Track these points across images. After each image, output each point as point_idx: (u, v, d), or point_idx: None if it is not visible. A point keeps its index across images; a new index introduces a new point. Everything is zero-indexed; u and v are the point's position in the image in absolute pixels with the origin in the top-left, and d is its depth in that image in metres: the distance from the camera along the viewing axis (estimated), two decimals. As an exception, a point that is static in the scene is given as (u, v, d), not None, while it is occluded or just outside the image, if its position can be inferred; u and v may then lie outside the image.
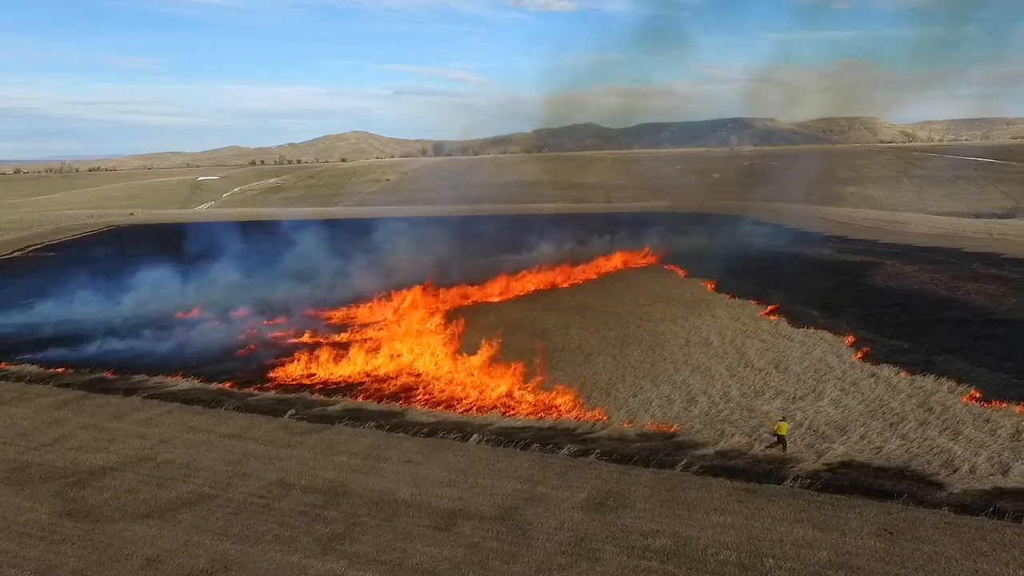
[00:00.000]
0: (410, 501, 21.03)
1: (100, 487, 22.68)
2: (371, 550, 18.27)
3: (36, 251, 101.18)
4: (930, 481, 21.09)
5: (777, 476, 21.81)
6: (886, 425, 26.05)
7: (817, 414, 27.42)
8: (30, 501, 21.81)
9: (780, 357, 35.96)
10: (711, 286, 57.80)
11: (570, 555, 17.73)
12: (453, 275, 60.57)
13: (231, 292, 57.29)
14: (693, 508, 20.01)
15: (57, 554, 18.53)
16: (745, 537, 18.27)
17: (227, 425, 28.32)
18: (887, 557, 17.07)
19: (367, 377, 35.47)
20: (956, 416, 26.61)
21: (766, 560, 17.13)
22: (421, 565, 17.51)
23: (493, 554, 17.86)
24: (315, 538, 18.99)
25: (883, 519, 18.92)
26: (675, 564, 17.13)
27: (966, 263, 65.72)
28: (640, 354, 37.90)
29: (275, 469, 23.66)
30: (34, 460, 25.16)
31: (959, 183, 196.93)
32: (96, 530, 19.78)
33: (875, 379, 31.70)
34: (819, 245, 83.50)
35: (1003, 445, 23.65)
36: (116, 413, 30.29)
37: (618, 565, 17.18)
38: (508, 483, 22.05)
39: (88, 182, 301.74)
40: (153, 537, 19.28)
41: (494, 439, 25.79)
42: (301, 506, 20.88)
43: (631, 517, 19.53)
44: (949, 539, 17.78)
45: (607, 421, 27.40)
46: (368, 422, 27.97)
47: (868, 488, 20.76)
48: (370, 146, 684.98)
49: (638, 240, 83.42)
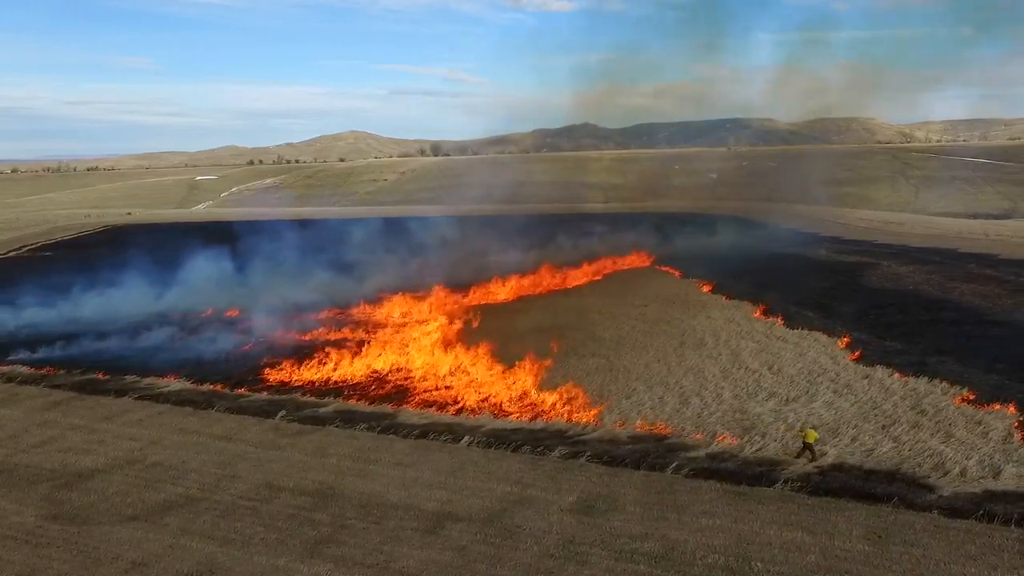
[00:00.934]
0: (399, 503, 20.93)
1: (88, 489, 22.56)
2: (358, 553, 18.17)
3: (32, 251, 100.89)
4: (920, 484, 21.04)
5: (768, 479, 21.74)
6: (878, 427, 25.98)
7: (810, 416, 27.33)
8: (16, 504, 21.68)
9: (774, 358, 35.88)
10: (707, 287, 57.70)
11: (558, 558, 17.64)
12: (455, 277, 60.53)
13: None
14: (682, 511, 19.93)
15: (41, 558, 18.42)
16: (734, 540, 18.20)
17: (218, 426, 28.20)
18: (875, 560, 17.01)
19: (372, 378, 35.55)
20: (949, 418, 26.55)
21: (754, 563, 17.06)
22: (408, 569, 17.42)
23: (480, 557, 17.77)
24: (302, 541, 18.89)
25: (872, 522, 18.86)
26: (663, 568, 17.05)
27: (961, 264, 65.77)
28: (634, 355, 37.78)
29: (264, 471, 23.55)
30: (23, 462, 25.03)
31: (957, 184, 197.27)
32: (82, 533, 19.66)
33: (868, 381, 31.64)
34: (815, 246, 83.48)
35: (994, 448, 23.59)
36: (107, 414, 30.17)
37: (605, 568, 17.10)
38: (498, 485, 21.97)
39: (85, 182, 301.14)
40: (139, 540, 19.16)
41: (485, 441, 25.70)
42: (289, 509, 20.78)
43: (620, 520, 19.45)
44: (938, 542, 17.72)
45: (599, 423, 27.31)
46: (359, 424, 27.86)
47: (858, 491, 20.70)
48: (368, 146, 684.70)
49: (634, 241, 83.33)
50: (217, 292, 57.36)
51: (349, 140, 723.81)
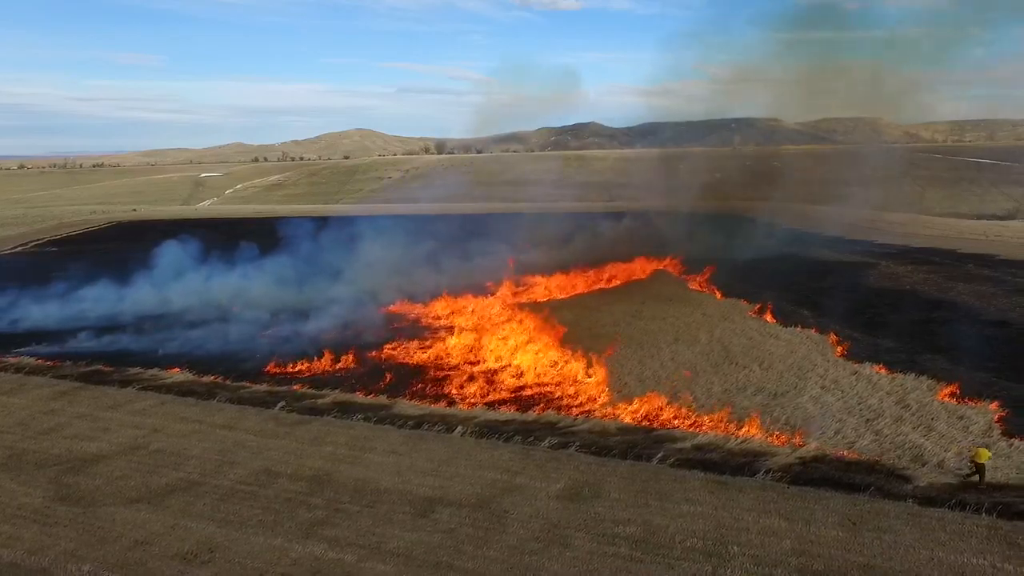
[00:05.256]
0: (392, 489, 21.68)
1: (93, 474, 23.38)
2: (351, 535, 18.93)
3: (37, 246, 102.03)
4: (898, 475, 21.66)
5: (750, 469, 22.39)
6: (862, 421, 26.60)
7: (795, 410, 27.97)
8: (25, 486, 22.52)
9: (765, 355, 36.47)
10: (705, 285, 58.23)
11: (542, 541, 18.36)
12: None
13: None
14: (665, 498, 20.61)
15: (49, 535, 19.24)
16: (713, 526, 18.87)
17: (219, 416, 28.99)
18: (848, 545, 17.67)
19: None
20: (932, 413, 27.14)
21: (731, 547, 17.74)
22: (398, 549, 18.17)
23: (468, 539, 18.50)
24: (297, 523, 19.65)
25: (848, 510, 19.50)
26: (642, 551, 17.75)
27: (960, 264, 66.09)
28: (629, 352, 38.41)
29: (263, 458, 24.33)
30: (31, 448, 25.87)
31: (962, 184, 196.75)
32: (88, 514, 20.48)
33: (856, 376, 32.23)
34: (816, 245, 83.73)
35: (974, 441, 24.18)
36: (111, 404, 30.99)
37: (587, 551, 17.80)
38: (488, 473, 22.68)
39: (91, 178, 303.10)
40: (142, 521, 19.97)
41: (478, 431, 26.41)
42: (286, 493, 21.55)
43: (604, 506, 20.15)
44: (910, 529, 18.35)
45: (590, 416, 28.00)
46: (356, 414, 28.62)
47: (838, 481, 21.34)
48: (373, 144, 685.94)
49: (635, 239, 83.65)
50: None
51: (355, 138, 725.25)
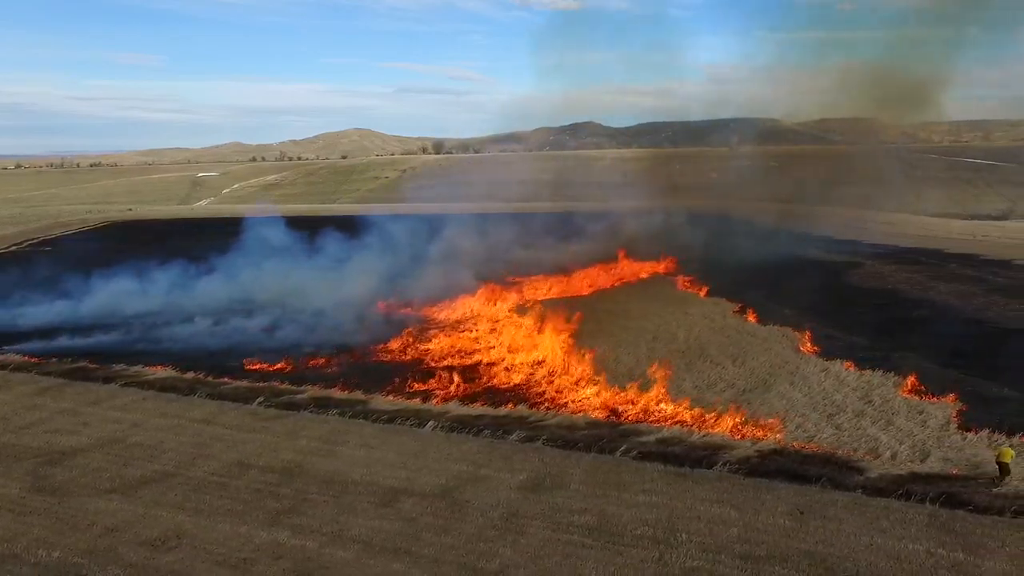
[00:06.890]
0: (359, 480, 22.30)
1: (70, 466, 24.00)
2: (315, 523, 19.56)
3: (32, 245, 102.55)
4: (851, 467, 22.29)
5: (709, 462, 23.00)
6: (824, 416, 27.21)
7: (761, 405, 28.58)
8: (2, 478, 23.14)
9: (740, 352, 37.09)
10: (690, 284, 58.83)
11: (499, 529, 18.98)
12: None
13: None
14: (623, 489, 21.23)
15: (23, 524, 19.85)
16: (666, 515, 19.50)
17: (198, 411, 29.60)
18: (792, 533, 18.30)
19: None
20: (893, 408, 27.77)
21: (679, 535, 18.36)
22: (359, 536, 18.80)
23: (427, 527, 19.13)
24: (265, 512, 20.27)
25: (798, 500, 20.13)
26: (594, 537, 18.38)
27: (944, 264, 66.81)
28: (608, 349, 38.99)
29: (237, 451, 24.95)
30: (10, 441, 26.47)
31: (959, 184, 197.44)
32: (62, 504, 21.09)
33: (825, 373, 32.83)
34: (805, 245, 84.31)
35: (929, 435, 24.82)
36: (94, 399, 31.58)
37: (541, 539, 18.43)
38: (455, 465, 23.30)
39: (88, 178, 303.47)
40: (114, 510, 20.59)
41: (449, 426, 27.02)
42: (256, 484, 22.17)
43: (563, 496, 20.78)
44: (854, 518, 18.98)
45: (558, 411, 28.61)
46: (332, 409, 29.22)
47: (792, 473, 21.95)
48: (372, 143, 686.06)
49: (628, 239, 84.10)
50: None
51: (353, 137, 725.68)
